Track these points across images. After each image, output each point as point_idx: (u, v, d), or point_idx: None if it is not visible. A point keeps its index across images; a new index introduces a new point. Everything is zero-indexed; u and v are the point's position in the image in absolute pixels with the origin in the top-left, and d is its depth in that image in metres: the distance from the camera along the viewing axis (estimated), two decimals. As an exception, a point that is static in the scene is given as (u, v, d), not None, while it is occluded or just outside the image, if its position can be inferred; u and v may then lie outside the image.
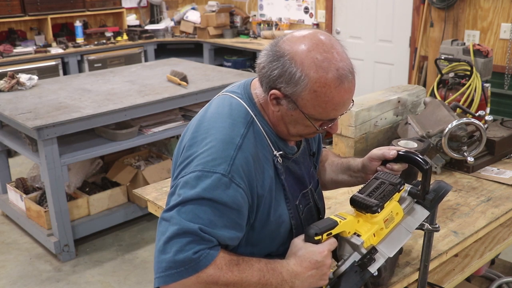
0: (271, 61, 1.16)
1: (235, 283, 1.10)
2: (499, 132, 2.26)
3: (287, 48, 1.15)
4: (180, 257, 1.06)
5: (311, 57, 1.13)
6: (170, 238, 1.07)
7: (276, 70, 1.15)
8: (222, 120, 1.20)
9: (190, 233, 1.07)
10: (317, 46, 1.15)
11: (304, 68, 1.13)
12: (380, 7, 5.07)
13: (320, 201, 1.44)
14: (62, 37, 5.71)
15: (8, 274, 3.23)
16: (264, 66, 1.18)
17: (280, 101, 1.18)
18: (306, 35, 1.17)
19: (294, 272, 1.15)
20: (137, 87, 3.77)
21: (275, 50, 1.17)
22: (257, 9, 6.37)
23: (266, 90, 1.19)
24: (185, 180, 1.13)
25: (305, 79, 1.13)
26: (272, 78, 1.16)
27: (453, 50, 3.10)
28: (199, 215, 1.09)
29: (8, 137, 3.57)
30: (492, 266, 2.60)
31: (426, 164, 1.27)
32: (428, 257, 1.41)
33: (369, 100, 2.33)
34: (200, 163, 1.13)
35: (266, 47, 1.21)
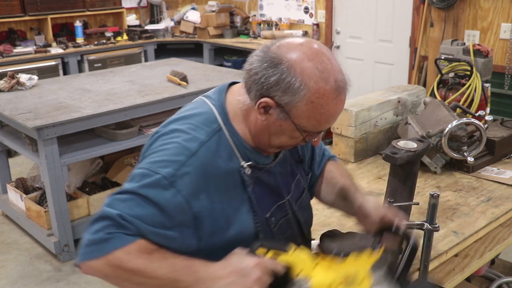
0: (267, 67, 1.10)
1: (139, 271, 1.06)
2: (499, 132, 2.26)
3: (285, 55, 1.10)
4: (94, 237, 1.07)
5: (311, 67, 1.09)
6: (95, 220, 1.10)
7: (272, 77, 1.09)
8: (187, 124, 1.19)
9: (110, 217, 1.08)
10: (316, 55, 1.11)
11: (304, 77, 1.08)
12: (380, 7, 5.07)
13: (302, 211, 1.36)
14: (62, 37, 5.71)
15: (8, 274, 3.23)
16: (257, 72, 1.12)
17: (269, 110, 1.13)
18: (303, 43, 1.13)
19: (214, 274, 1.06)
20: (137, 87, 3.77)
21: (271, 56, 1.11)
22: (257, 9, 6.37)
23: (256, 97, 1.13)
24: (133, 174, 1.15)
25: (304, 89, 1.08)
26: (267, 85, 1.10)
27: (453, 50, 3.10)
28: (128, 205, 1.09)
29: (8, 137, 3.57)
30: (492, 266, 2.60)
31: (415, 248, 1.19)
32: (428, 257, 1.41)
33: (369, 100, 2.33)
34: (149, 162, 1.14)
35: (258, 53, 1.15)
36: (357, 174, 2.15)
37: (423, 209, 1.79)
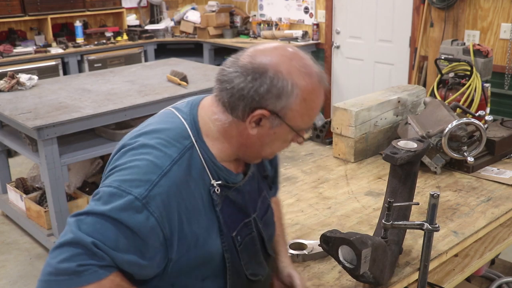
0: (253, 79, 1.07)
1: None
2: (499, 132, 2.26)
3: (266, 62, 1.08)
4: (63, 266, 0.98)
5: (294, 66, 1.09)
6: (61, 245, 1.00)
7: (262, 87, 1.07)
8: (157, 139, 1.11)
9: (83, 245, 0.98)
10: (294, 54, 1.11)
11: (293, 78, 1.08)
12: (380, 7, 5.07)
13: (266, 228, 1.33)
14: (62, 37, 5.71)
15: (8, 274, 3.23)
16: (243, 88, 1.07)
17: (261, 121, 1.10)
18: (276, 47, 1.13)
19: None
20: (137, 87, 3.77)
21: (253, 67, 1.08)
22: (257, 9, 6.37)
23: (245, 112, 1.09)
24: (101, 193, 1.06)
25: (295, 89, 1.08)
26: (258, 97, 1.07)
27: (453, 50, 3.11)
28: (99, 230, 1.00)
29: (8, 137, 3.57)
30: (492, 266, 2.60)
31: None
32: (428, 257, 1.41)
33: (369, 100, 2.33)
34: (119, 180, 1.05)
35: (232, 69, 1.10)
36: (357, 174, 2.15)
37: (423, 209, 1.79)
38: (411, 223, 1.42)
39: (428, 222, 1.37)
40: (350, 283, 1.43)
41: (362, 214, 1.81)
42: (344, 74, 5.61)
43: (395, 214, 1.47)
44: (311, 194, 1.97)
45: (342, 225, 1.73)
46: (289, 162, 2.29)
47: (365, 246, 1.29)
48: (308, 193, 1.97)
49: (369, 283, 1.39)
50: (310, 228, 1.71)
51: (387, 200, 1.43)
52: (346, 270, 1.35)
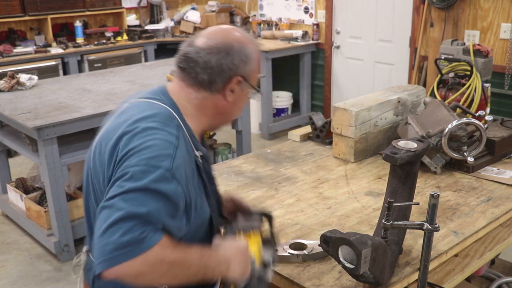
0: (226, 54, 1.29)
1: (180, 261, 1.15)
2: (499, 132, 2.26)
3: (227, 39, 1.31)
4: (126, 238, 1.07)
5: (244, 36, 1.34)
6: (114, 222, 1.09)
7: (235, 58, 1.29)
8: (154, 122, 1.24)
9: (137, 216, 1.10)
10: (236, 28, 1.36)
11: (249, 45, 1.33)
12: (380, 7, 5.07)
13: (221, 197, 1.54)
14: (62, 37, 5.71)
15: (8, 274, 3.23)
16: (222, 63, 1.29)
17: (237, 86, 1.33)
18: (223, 27, 1.37)
19: (225, 256, 1.25)
20: (137, 87, 3.76)
21: (221, 46, 1.29)
22: (257, 9, 6.37)
23: (224, 83, 1.30)
24: (130, 173, 1.15)
25: (253, 53, 1.33)
26: (234, 67, 1.30)
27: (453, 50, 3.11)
28: (144, 202, 1.12)
29: (8, 137, 3.57)
30: (492, 266, 2.60)
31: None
32: (428, 257, 1.41)
33: (369, 100, 2.33)
34: (143, 158, 1.17)
35: (203, 54, 1.28)
36: (357, 174, 2.15)
37: (423, 209, 1.79)
38: (411, 223, 1.42)
39: (428, 222, 1.37)
40: (350, 283, 1.43)
41: (362, 214, 1.81)
42: (344, 74, 5.61)
43: (395, 214, 1.47)
44: (311, 194, 1.97)
45: (342, 225, 1.73)
46: (289, 162, 2.29)
47: (365, 246, 1.29)
48: (308, 193, 1.98)
49: (369, 283, 1.39)
50: (310, 228, 1.71)
51: (387, 200, 1.43)
52: (346, 270, 1.35)
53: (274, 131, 5.63)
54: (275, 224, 1.49)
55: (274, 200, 1.92)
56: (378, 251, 1.34)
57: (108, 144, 1.28)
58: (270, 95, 5.59)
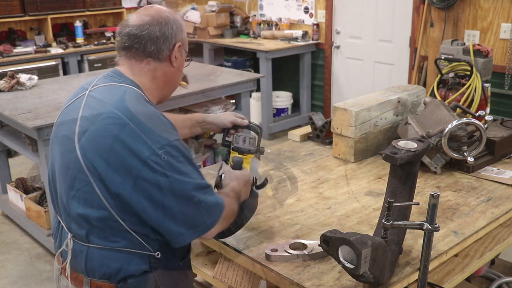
0: (166, 24, 1.44)
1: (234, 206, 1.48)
2: (499, 132, 2.26)
3: (160, 13, 1.46)
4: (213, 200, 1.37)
5: (169, 10, 1.51)
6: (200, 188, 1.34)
7: (173, 26, 1.46)
8: (136, 105, 1.36)
9: (205, 186, 1.36)
10: (158, 5, 1.54)
11: (177, 17, 1.50)
12: (380, 7, 5.07)
13: None
14: (62, 37, 5.72)
15: (8, 274, 3.23)
16: (164, 32, 1.44)
17: (179, 51, 1.49)
18: (147, 6, 1.54)
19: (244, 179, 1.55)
20: (137, 87, 3.76)
21: (157, 19, 1.44)
22: (257, 9, 6.37)
23: (169, 50, 1.46)
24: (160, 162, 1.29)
25: (181, 21, 1.51)
26: (174, 33, 1.46)
27: (453, 50, 3.11)
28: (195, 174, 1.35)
29: (8, 137, 3.57)
30: (492, 266, 2.60)
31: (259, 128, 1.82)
32: (428, 257, 1.41)
33: (369, 100, 2.33)
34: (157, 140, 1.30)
35: (138, 31, 1.43)
36: (357, 174, 2.15)
37: (423, 209, 1.79)
38: (411, 223, 1.42)
39: (428, 222, 1.37)
40: (350, 283, 1.43)
41: (362, 214, 1.81)
42: (344, 74, 5.61)
43: (395, 214, 1.47)
44: (311, 194, 1.97)
45: (342, 225, 1.73)
46: (289, 162, 2.28)
47: (365, 246, 1.29)
48: (308, 193, 1.97)
49: (369, 283, 1.39)
50: (310, 228, 1.71)
51: (387, 200, 1.43)
52: (346, 270, 1.35)
53: (274, 131, 5.63)
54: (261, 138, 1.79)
55: (274, 200, 1.92)
56: (378, 251, 1.34)
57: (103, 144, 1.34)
58: (270, 95, 5.59)
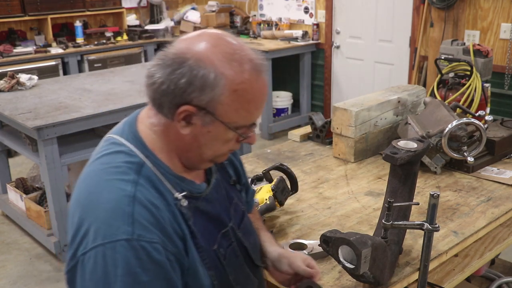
0: (172, 71, 0.95)
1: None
2: (499, 132, 2.26)
3: (186, 50, 0.97)
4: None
5: (219, 52, 0.96)
6: None
7: (182, 79, 0.95)
8: (105, 173, 0.99)
9: None
10: (219, 39, 0.99)
11: (216, 66, 0.95)
12: (380, 7, 5.07)
13: (247, 237, 1.22)
14: (62, 37, 5.72)
15: (8, 274, 3.23)
16: (163, 82, 0.96)
17: (192, 118, 0.99)
18: (201, 34, 1.01)
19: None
20: (137, 87, 3.76)
21: (172, 57, 0.97)
22: (257, 9, 6.37)
23: (171, 110, 0.98)
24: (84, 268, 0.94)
25: (221, 78, 0.95)
26: (179, 90, 0.95)
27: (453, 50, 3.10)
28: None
29: (8, 137, 3.57)
30: (492, 266, 2.60)
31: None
32: (428, 257, 1.41)
33: (369, 100, 2.33)
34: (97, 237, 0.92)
35: (155, 62, 0.99)
36: (357, 174, 2.15)
37: (423, 209, 1.79)
38: (411, 223, 1.42)
39: (428, 222, 1.37)
40: (350, 283, 1.43)
41: (362, 214, 1.81)
42: (344, 74, 5.61)
43: (395, 214, 1.47)
44: (311, 194, 1.97)
45: (342, 225, 1.73)
46: (289, 162, 2.28)
47: (365, 246, 1.29)
48: (308, 193, 1.97)
49: (369, 283, 1.39)
50: (310, 228, 1.71)
51: (387, 200, 1.43)
52: (346, 270, 1.35)
53: (274, 131, 5.63)
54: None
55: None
56: (378, 251, 1.34)
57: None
58: (270, 95, 5.59)
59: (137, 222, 0.93)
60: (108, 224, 0.93)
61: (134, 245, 0.91)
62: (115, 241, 0.91)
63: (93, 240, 0.93)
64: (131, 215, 0.93)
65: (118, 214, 0.93)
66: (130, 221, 0.93)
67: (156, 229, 0.95)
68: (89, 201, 0.97)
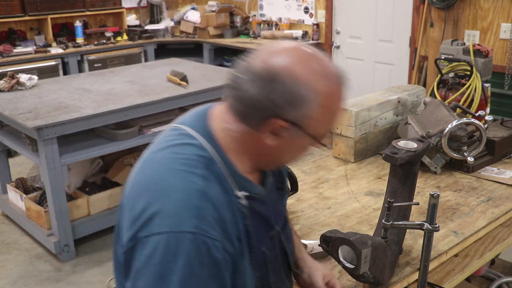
0: (263, 86, 0.97)
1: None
2: (499, 132, 2.26)
3: (278, 65, 0.97)
4: None
5: (309, 68, 0.98)
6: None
7: (273, 94, 0.97)
8: (176, 163, 1.01)
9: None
10: (309, 55, 1.01)
11: (307, 82, 0.97)
12: (380, 7, 5.07)
13: (288, 242, 1.25)
14: (62, 37, 5.72)
15: (8, 274, 3.23)
16: (254, 95, 0.98)
17: (281, 131, 1.01)
18: (291, 48, 1.02)
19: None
20: (137, 87, 3.77)
21: (262, 71, 0.98)
22: (257, 9, 6.37)
23: (259, 123, 1.00)
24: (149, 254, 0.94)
25: (314, 94, 0.98)
26: (270, 105, 0.97)
27: (453, 50, 3.10)
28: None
29: (8, 137, 3.57)
30: (492, 266, 2.60)
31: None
32: (428, 257, 1.41)
33: (369, 100, 2.33)
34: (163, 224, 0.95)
35: (243, 75, 1.00)
36: (357, 174, 2.15)
37: (423, 209, 1.79)
38: (411, 223, 1.42)
39: (428, 222, 1.37)
40: (350, 283, 1.43)
41: (362, 214, 1.81)
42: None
43: (395, 214, 1.47)
44: (311, 194, 1.97)
45: (342, 225, 1.73)
46: (289, 162, 2.28)
47: (365, 246, 1.29)
48: (308, 193, 1.97)
49: (369, 283, 1.39)
50: (310, 228, 1.71)
51: (387, 200, 1.43)
52: (346, 270, 1.35)
53: (274, 131, 5.63)
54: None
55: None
56: (378, 251, 1.34)
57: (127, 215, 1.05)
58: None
59: (203, 217, 0.96)
60: (176, 214, 0.95)
61: (198, 239, 0.94)
62: (180, 232, 0.94)
63: (159, 226, 0.95)
64: (199, 209, 0.96)
65: (187, 206, 0.96)
66: (198, 215, 0.95)
67: (219, 227, 0.98)
68: (159, 187, 0.99)
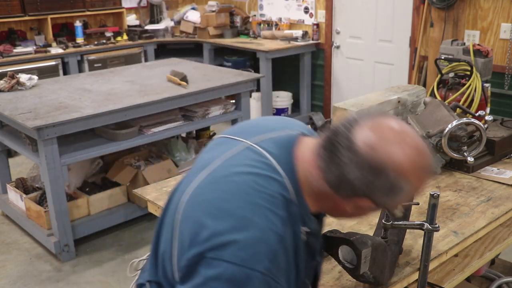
0: (367, 174, 1.00)
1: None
2: (499, 132, 2.26)
3: (386, 158, 0.99)
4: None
5: (414, 166, 1.02)
6: None
7: (375, 183, 1.01)
8: (259, 197, 1.03)
9: None
10: (415, 149, 1.03)
11: (409, 178, 1.01)
12: (380, 7, 5.07)
13: (320, 269, 1.35)
14: (62, 37, 5.71)
15: (8, 274, 3.23)
16: (356, 178, 1.01)
17: (366, 207, 1.07)
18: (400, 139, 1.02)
19: None
20: (137, 87, 3.77)
21: (371, 162, 1.00)
22: (257, 9, 6.37)
23: (348, 195, 1.05)
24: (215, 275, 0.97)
25: (409, 187, 1.03)
26: (368, 190, 1.02)
27: (453, 50, 3.10)
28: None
29: (8, 137, 3.57)
30: (492, 266, 2.60)
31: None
32: (428, 257, 1.41)
33: (369, 100, 2.32)
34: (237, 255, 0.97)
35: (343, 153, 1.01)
36: (357, 174, 2.15)
37: (423, 209, 1.79)
38: (411, 223, 1.42)
39: (428, 222, 1.37)
40: (350, 283, 1.43)
41: (362, 214, 1.80)
42: (344, 74, 5.61)
43: (395, 214, 1.47)
44: (311, 194, 1.96)
45: (342, 225, 1.73)
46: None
47: (365, 246, 1.29)
48: (308, 193, 1.97)
49: (369, 283, 1.39)
50: (310, 228, 1.71)
51: (387, 200, 1.43)
52: (346, 270, 1.35)
53: (274, 131, 5.62)
54: None
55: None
56: (378, 251, 1.34)
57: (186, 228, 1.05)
58: (270, 95, 5.60)
59: (276, 262, 1.00)
60: (253, 251, 0.98)
61: (266, 280, 0.98)
62: (252, 269, 0.97)
63: (231, 255, 0.98)
64: (274, 254, 1.00)
65: (265, 247, 0.99)
66: (272, 259, 0.99)
67: (284, 275, 1.02)
68: (240, 217, 1.01)
